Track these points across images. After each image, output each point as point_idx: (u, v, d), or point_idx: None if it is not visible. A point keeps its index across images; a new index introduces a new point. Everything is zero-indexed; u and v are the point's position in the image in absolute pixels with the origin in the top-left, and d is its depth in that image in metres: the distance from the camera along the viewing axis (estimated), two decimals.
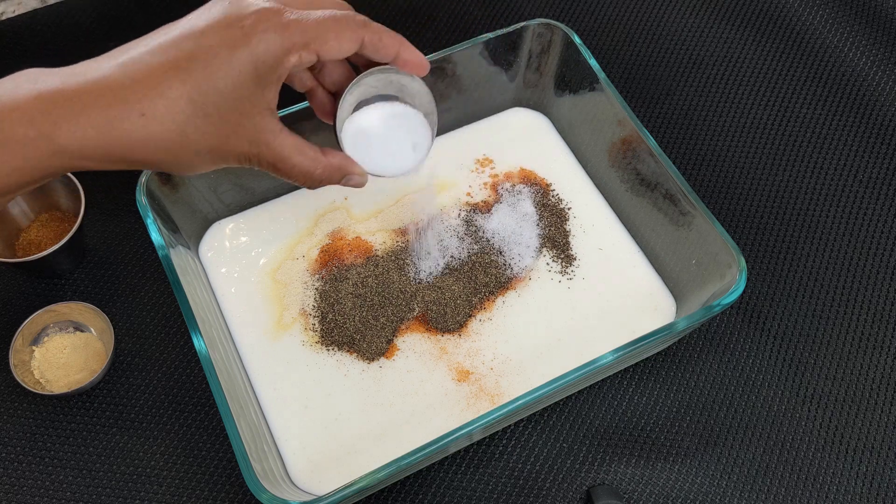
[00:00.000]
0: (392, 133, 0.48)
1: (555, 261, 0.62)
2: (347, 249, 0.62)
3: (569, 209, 0.65)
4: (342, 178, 0.45)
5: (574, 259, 0.63)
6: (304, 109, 0.58)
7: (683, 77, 0.74)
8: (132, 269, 0.63)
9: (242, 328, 0.59)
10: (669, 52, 0.76)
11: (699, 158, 0.70)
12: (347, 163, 0.45)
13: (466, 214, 0.64)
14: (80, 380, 0.57)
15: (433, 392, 0.57)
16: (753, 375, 0.60)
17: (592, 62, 0.61)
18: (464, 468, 0.56)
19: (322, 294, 0.60)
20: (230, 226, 0.64)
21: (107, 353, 0.58)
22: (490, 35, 0.62)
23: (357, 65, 0.46)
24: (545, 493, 0.55)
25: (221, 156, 0.40)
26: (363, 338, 0.58)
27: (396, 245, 0.62)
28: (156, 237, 0.53)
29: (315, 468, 0.54)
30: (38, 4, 0.76)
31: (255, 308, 0.60)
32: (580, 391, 0.58)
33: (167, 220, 0.57)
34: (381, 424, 0.55)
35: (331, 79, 0.46)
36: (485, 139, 0.68)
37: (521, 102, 0.70)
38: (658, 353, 0.60)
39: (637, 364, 0.60)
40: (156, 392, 0.58)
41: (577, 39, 0.62)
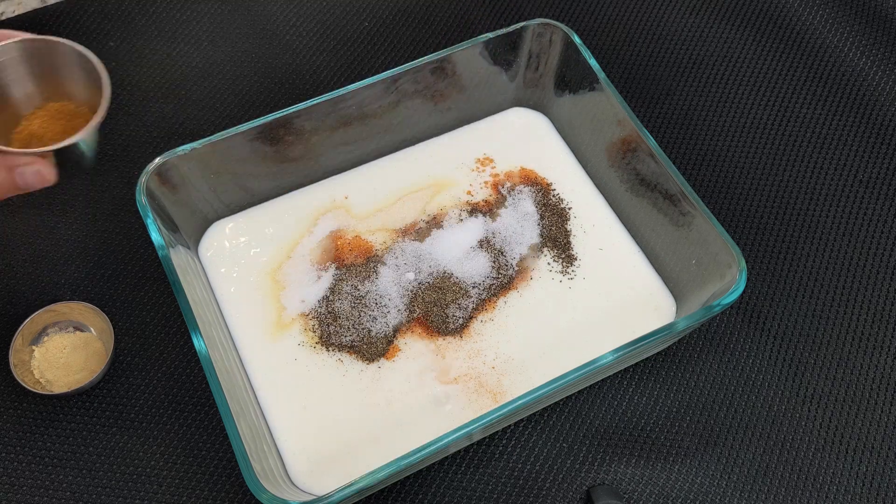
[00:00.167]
0: None
1: (556, 261, 0.62)
2: (347, 249, 0.62)
3: (569, 209, 0.65)
4: (13, 175, 0.38)
5: (575, 259, 0.63)
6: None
7: (683, 77, 0.74)
8: (132, 269, 0.62)
9: (242, 328, 0.59)
10: (669, 52, 0.76)
11: (699, 158, 0.70)
12: (3, 155, 0.37)
13: (467, 215, 0.64)
14: (80, 380, 0.57)
15: (433, 392, 0.57)
16: (753, 375, 0.60)
17: (592, 62, 0.61)
18: (464, 468, 0.56)
19: (322, 294, 0.60)
20: (230, 225, 0.64)
21: (107, 353, 0.58)
22: (490, 35, 0.62)
23: None
24: (545, 493, 0.55)
25: None
26: (363, 339, 0.58)
27: (397, 244, 0.62)
28: (156, 237, 0.53)
29: (315, 468, 0.54)
30: (38, 4, 0.76)
31: (255, 308, 0.60)
32: (580, 391, 0.58)
33: (167, 220, 0.57)
34: (381, 425, 0.55)
35: None
36: (485, 139, 0.69)
37: (521, 102, 0.70)
38: (658, 353, 0.60)
39: (637, 364, 0.60)
40: (156, 392, 0.58)
41: (577, 39, 0.62)
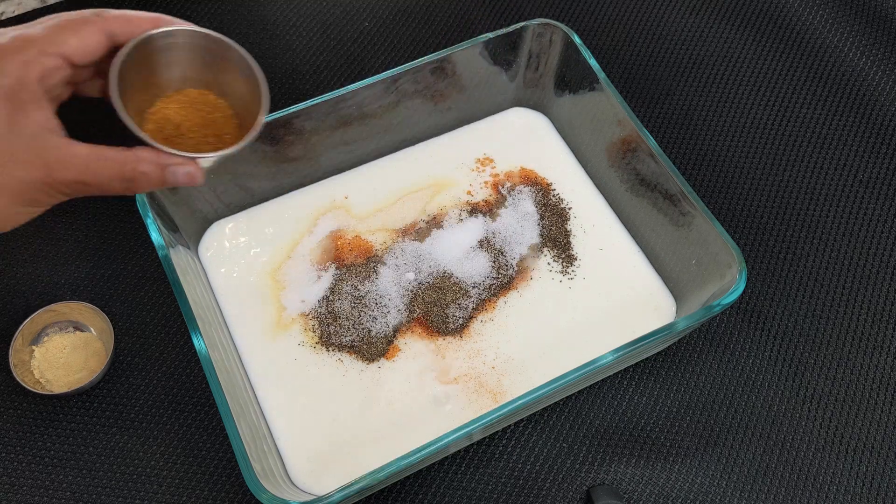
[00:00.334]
0: None
1: (556, 261, 0.62)
2: (347, 249, 0.62)
3: (569, 209, 0.65)
4: (164, 173, 0.40)
5: (575, 259, 0.63)
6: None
7: (683, 77, 0.74)
8: (132, 269, 0.62)
9: (242, 328, 0.59)
10: (669, 52, 0.76)
11: (699, 158, 0.70)
12: (158, 152, 0.39)
13: (467, 215, 0.64)
14: (80, 379, 0.57)
15: (433, 392, 0.57)
16: (753, 375, 0.60)
17: (592, 62, 0.61)
18: (464, 468, 0.56)
19: (322, 294, 0.60)
20: (230, 225, 0.64)
21: (107, 353, 0.58)
22: (490, 35, 0.62)
23: None
24: (545, 493, 0.55)
25: (16, 197, 0.37)
26: (363, 339, 0.58)
27: (397, 244, 0.62)
28: (156, 237, 0.53)
29: (315, 468, 0.54)
30: (38, 4, 0.76)
31: (255, 308, 0.60)
32: (580, 391, 0.58)
33: (167, 220, 0.57)
34: (381, 425, 0.55)
35: None
36: (485, 139, 0.69)
37: (521, 102, 0.70)
38: (658, 353, 0.60)
39: (637, 364, 0.60)
40: (156, 392, 0.58)
41: (577, 39, 0.62)
